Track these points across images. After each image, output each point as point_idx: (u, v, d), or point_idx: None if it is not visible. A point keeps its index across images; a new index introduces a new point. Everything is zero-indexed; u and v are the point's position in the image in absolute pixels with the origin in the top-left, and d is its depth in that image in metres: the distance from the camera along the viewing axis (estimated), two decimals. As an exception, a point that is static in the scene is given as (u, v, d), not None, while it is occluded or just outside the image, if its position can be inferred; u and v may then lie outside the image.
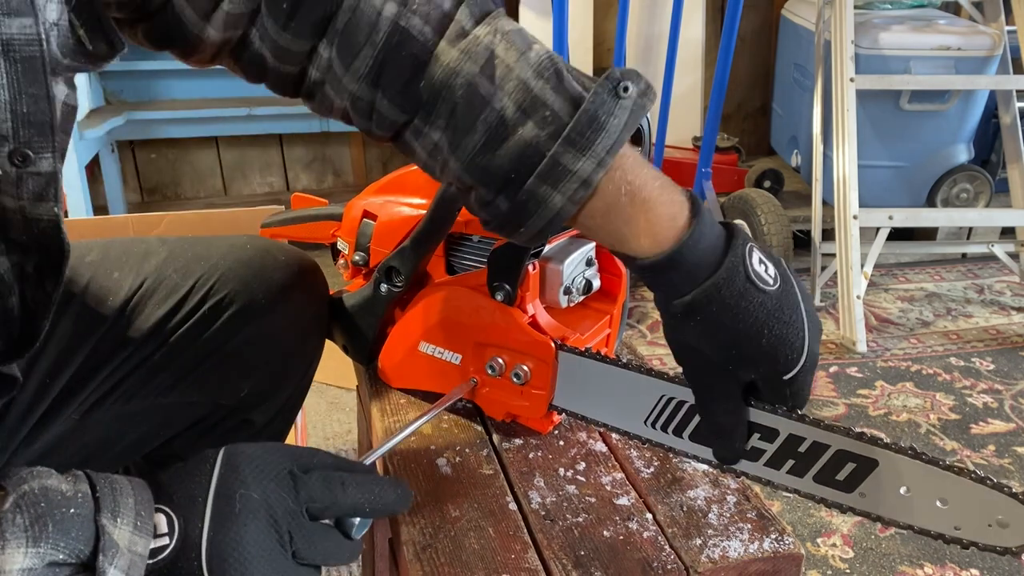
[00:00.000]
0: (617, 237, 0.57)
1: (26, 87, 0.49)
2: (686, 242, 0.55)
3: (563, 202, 0.56)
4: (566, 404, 0.72)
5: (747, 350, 0.55)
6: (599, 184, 0.55)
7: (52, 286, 0.56)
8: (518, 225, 0.58)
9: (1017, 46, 2.35)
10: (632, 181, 0.56)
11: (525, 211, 0.57)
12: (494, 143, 0.57)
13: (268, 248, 0.84)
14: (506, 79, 0.56)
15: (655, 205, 0.56)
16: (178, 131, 2.72)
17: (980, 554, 1.46)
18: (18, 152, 0.50)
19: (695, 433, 0.64)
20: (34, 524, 0.45)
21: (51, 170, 0.52)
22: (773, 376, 0.57)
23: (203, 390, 0.80)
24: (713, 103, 2.28)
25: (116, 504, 0.48)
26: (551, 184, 0.55)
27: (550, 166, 0.55)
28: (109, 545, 0.46)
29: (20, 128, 0.50)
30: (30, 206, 0.53)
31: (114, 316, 0.75)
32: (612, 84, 0.55)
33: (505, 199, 0.57)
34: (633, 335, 2.21)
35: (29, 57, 0.49)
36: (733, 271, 0.55)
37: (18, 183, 0.51)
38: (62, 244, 0.55)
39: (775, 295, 0.56)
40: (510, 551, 0.62)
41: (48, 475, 0.48)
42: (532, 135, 0.55)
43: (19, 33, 0.48)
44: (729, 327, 0.55)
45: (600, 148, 0.54)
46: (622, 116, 0.55)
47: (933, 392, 1.97)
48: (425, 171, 0.64)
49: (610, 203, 0.56)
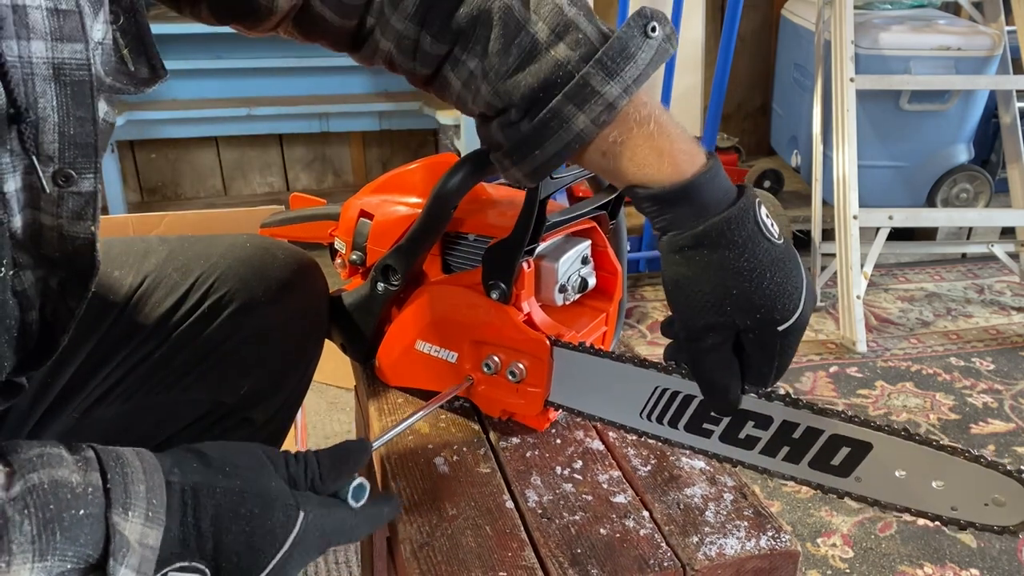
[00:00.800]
0: (635, 163, 0.58)
1: (74, 110, 0.50)
2: (705, 174, 0.57)
3: (585, 123, 0.57)
4: (562, 400, 0.72)
5: (748, 292, 0.56)
6: (620, 111, 0.57)
7: (75, 302, 0.57)
8: (535, 147, 0.59)
9: (1017, 46, 2.35)
10: (658, 114, 0.58)
11: (546, 130, 0.58)
12: (526, 64, 0.58)
13: (268, 247, 0.84)
14: (541, 4, 0.59)
15: (678, 139, 0.58)
16: (178, 131, 2.72)
17: (980, 553, 1.46)
18: (62, 172, 0.51)
19: (690, 424, 0.64)
20: (42, 533, 0.44)
21: (92, 190, 0.53)
22: (767, 326, 0.57)
23: (203, 388, 0.80)
24: (713, 103, 2.28)
25: (127, 495, 0.47)
26: (577, 104, 0.57)
27: (579, 86, 0.56)
28: (120, 545, 0.46)
29: (66, 149, 0.50)
30: (68, 224, 0.53)
31: (114, 314, 0.76)
32: (643, 21, 0.57)
33: (528, 120, 0.59)
34: (633, 335, 2.21)
35: (79, 81, 0.50)
36: (744, 212, 0.56)
37: (59, 202, 0.52)
38: (94, 261, 0.55)
39: (780, 247, 0.57)
40: (507, 549, 0.62)
41: (59, 461, 0.47)
42: (564, 55, 0.57)
43: (70, 58, 0.49)
44: (734, 265, 0.56)
45: (628, 75, 0.56)
46: (649, 52, 0.57)
47: (933, 392, 1.97)
48: (457, 105, 0.66)
49: (632, 130, 0.57)
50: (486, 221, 0.77)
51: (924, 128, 2.43)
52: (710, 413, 0.63)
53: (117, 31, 0.54)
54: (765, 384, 0.60)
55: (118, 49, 0.55)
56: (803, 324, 0.58)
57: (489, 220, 0.77)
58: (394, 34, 0.64)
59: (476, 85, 0.62)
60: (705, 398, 0.61)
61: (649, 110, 0.58)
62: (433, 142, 3.00)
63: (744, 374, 0.59)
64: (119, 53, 0.55)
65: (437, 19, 0.62)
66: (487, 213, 0.78)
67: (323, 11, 0.65)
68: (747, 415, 0.60)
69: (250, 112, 2.64)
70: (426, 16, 0.62)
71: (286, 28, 0.68)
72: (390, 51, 0.65)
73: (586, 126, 0.57)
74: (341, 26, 0.66)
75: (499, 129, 0.61)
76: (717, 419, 0.62)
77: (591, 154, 0.59)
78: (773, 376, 0.59)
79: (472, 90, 0.63)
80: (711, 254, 0.56)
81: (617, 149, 0.58)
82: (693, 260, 0.57)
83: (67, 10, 0.48)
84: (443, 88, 0.66)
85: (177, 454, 0.53)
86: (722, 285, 0.56)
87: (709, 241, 0.56)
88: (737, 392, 0.60)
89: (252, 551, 0.51)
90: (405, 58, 0.65)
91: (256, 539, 0.51)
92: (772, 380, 0.59)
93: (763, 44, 3.09)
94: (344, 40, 0.68)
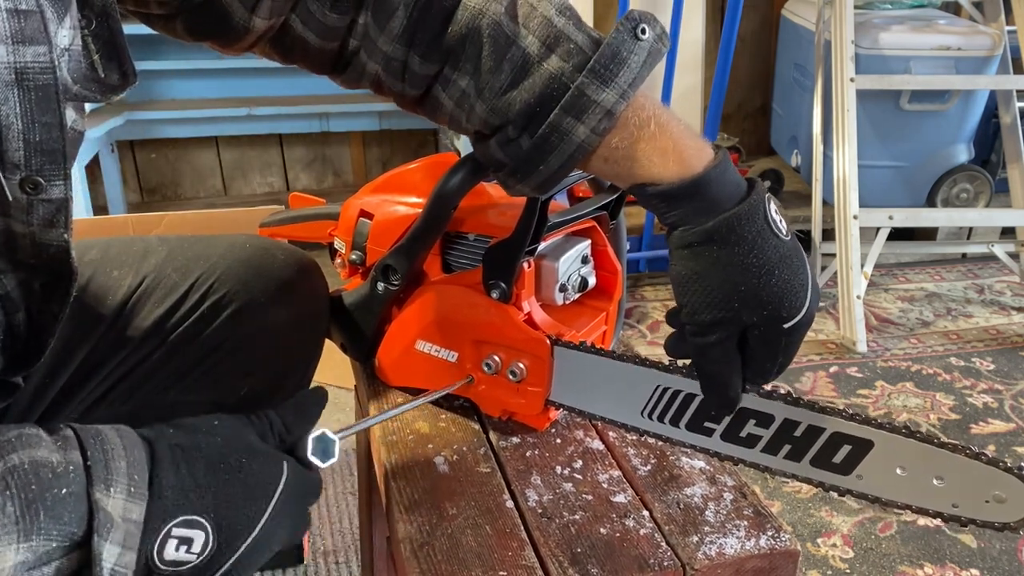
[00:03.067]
0: (640, 164, 0.58)
1: (39, 115, 0.49)
2: (714, 170, 0.56)
3: (586, 133, 0.57)
4: (563, 399, 0.72)
5: (756, 289, 0.56)
6: (620, 117, 0.57)
7: (58, 306, 0.56)
8: (538, 163, 0.59)
9: (1017, 46, 2.35)
10: (659, 114, 0.58)
11: (548, 145, 0.58)
12: (519, 80, 0.58)
13: (268, 247, 0.84)
14: (530, 17, 0.58)
15: (682, 136, 0.58)
16: (178, 131, 2.72)
17: (980, 554, 1.46)
18: (29, 180, 0.50)
19: (692, 423, 0.64)
20: (25, 514, 0.43)
21: (62, 196, 0.52)
22: (773, 322, 0.57)
23: (202, 389, 0.80)
24: (713, 103, 2.28)
25: (108, 471, 0.47)
26: (575, 115, 0.56)
27: (575, 97, 0.56)
28: (104, 521, 0.45)
29: (32, 156, 0.50)
30: (40, 232, 0.53)
31: (113, 315, 0.76)
32: (632, 24, 0.56)
33: (528, 136, 0.58)
34: (633, 335, 2.21)
35: (43, 86, 0.49)
36: (755, 208, 0.56)
37: (29, 210, 0.51)
38: (71, 268, 0.55)
39: (788, 244, 0.57)
40: (507, 549, 0.62)
41: (37, 441, 0.46)
42: (557, 68, 0.57)
43: (33, 61, 0.48)
44: (743, 262, 0.56)
45: (623, 80, 0.56)
46: (641, 55, 0.57)
47: (933, 392, 1.97)
48: (451, 125, 0.66)
49: (634, 133, 0.57)
50: (486, 221, 0.77)
51: (924, 128, 2.43)
52: (711, 412, 0.63)
53: (89, 36, 0.53)
54: (766, 380, 0.60)
55: (88, 55, 0.53)
56: (809, 321, 0.58)
57: (489, 220, 0.77)
58: (381, 56, 0.63)
59: (469, 104, 0.61)
60: (704, 394, 0.61)
61: (649, 111, 0.58)
62: (433, 142, 3.00)
63: (746, 369, 0.59)
64: (89, 60, 0.53)
65: (425, 39, 0.61)
66: (487, 213, 0.78)
67: (304, 33, 0.64)
68: (748, 413, 0.60)
69: (250, 112, 2.64)
70: (414, 36, 0.62)
71: (263, 49, 0.67)
72: (378, 73, 0.65)
73: (587, 136, 0.57)
74: (322, 48, 0.65)
75: (499, 147, 0.61)
76: (719, 417, 0.62)
77: (595, 161, 0.59)
78: (775, 372, 0.59)
79: (465, 109, 0.62)
80: (721, 250, 0.56)
81: (620, 153, 0.58)
82: (703, 255, 0.57)
83: (27, 10, 0.47)
84: (434, 108, 0.65)
85: (155, 427, 0.53)
86: (731, 281, 0.56)
87: (720, 237, 0.56)
88: (738, 389, 0.60)
89: (248, 499, 0.51)
90: (394, 80, 0.65)
91: (250, 484, 0.51)
92: (773, 376, 0.60)
93: (763, 44, 3.09)
94: (325, 63, 0.67)
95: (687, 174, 0.56)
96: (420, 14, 0.61)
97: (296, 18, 0.63)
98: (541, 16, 0.58)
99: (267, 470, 0.53)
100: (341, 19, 0.63)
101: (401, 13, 0.61)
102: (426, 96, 0.65)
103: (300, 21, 0.63)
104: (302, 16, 0.63)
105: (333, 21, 0.63)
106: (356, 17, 0.63)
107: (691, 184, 0.56)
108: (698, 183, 0.56)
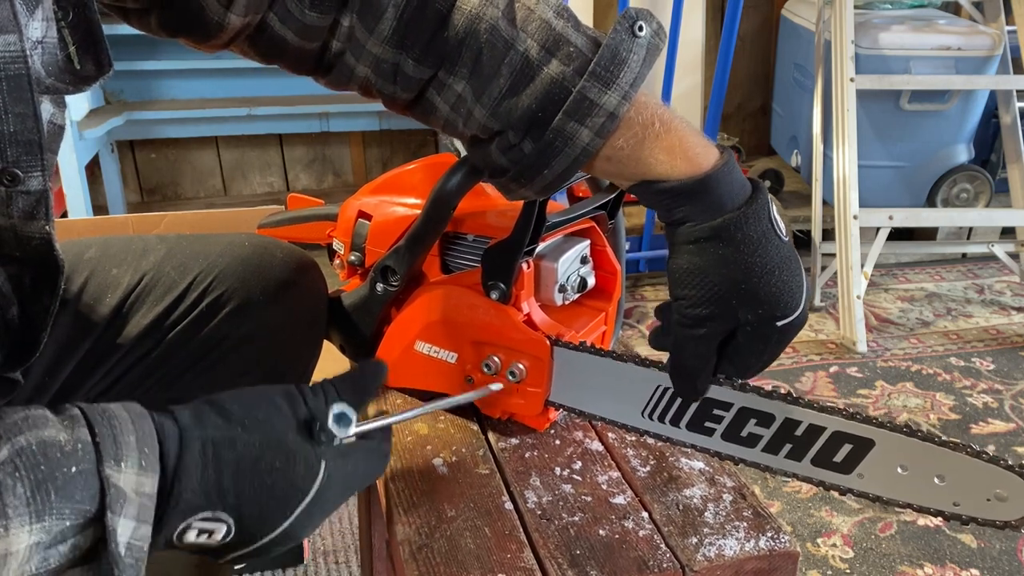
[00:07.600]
0: (646, 163, 0.58)
1: (12, 106, 0.49)
2: (721, 168, 0.57)
3: (590, 137, 0.57)
4: (563, 400, 0.72)
5: (755, 288, 0.57)
6: (623, 118, 0.57)
7: (49, 300, 0.56)
8: (542, 167, 0.59)
9: (1017, 46, 2.34)
10: (662, 112, 0.58)
11: (551, 150, 0.58)
12: (520, 85, 0.58)
13: (266, 246, 0.84)
14: (528, 20, 0.58)
15: (687, 134, 0.58)
16: (178, 131, 2.72)
17: (980, 554, 1.46)
18: (7, 172, 0.50)
19: (692, 422, 0.64)
20: (36, 494, 0.43)
21: (41, 188, 0.52)
22: (768, 319, 0.58)
23: (200, 387, 0.80)
24: (713, 103, 2.28)
25: (118, 446, 0.46)
26: (578, 119, 0.56)
27: (577, 101, 0.56)
28: (116, 497, 0.45)
29: (7, 147, 0.49)
30: (21, 224, 0.52)
31: (112, 313, 0.76)
32: (629, 23, 0.56)
33: (531, 141, 0.58)
34: (632, 335, 2.21)
35: (15, 75, 0.48)
36: (760, 209, 0.57)
37: (8, 202, 0.51)
38: (56, 261, 0.55)
39: (787, 246, 0.59)
40: (506, 550, 0.62)
41: (44, 422, 0.46)
42: (558, 72, 0.57)
43: (3, 50, 0.47)
44: (746, 261, 0.57)
45: (624, 81, 0.56)
46: (640, 53, 0.57)
47: (933, 392, 1.97)
48: (445, 129, 0.65)
49: (638, 133, 0.57)
50: (485, 221, 0.77)
51: (924, 128, 2.43)
52: (712, 411, 0.63)
53: (65, 28, 0.52)
54: (746, 375, 0.61)
55: (65, 47, 0.52)
56: (802, 322, 0.59)
57: (488, 220, 0.77)
58: (371, 59, 0.62)
59: (467, 108, 0.61)
60: (674, 382, 0.62)
61: (651, 111, 0.58)
62: (433, 142, 3.00)
63: (729, 364, 0.61)
64: (66, 52, 0.52)
65: (419, 42, 0.61)
66: (486, 213, 0.78)
67: (283, 32, 0.63)
68: (749, 413, 0.61)
69: (250, 112, 2.64)
70: (405, 39, 0.61)
71: (240, 47, 0.66)
72: (367, 76, 0.64)
73: (591, 139, 0.57)
74: (301, 47, 0.64)
75: (500, 153, 0.61)
76: (719, 417, 0.63)
77: (599, 162, 0.59)
78: (757, 369, 0.60)
79: (462, 113, 0.62)
80: (725, 248, 0.57)
81: (625, 153, 0.58)
82: (707, 251, 0.58)
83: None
84: (428, 112, 0.65)
85: (198, 406, 0.52)
86: (731, 279, 0.57)
87: (726, 235, 0.57)
88: (707, 382, 0.61)
89: (275, 501, 0.51)
90: (385, 83, 0.64)
91: (278, 490, 0.51)
92: (754, 372, 0.61)
93: (763, 44, 3.09)
94: (306, 63, 0.66)
95: (696, 172, 0.57)
96: (413, 16, 0.60)
97: (274, 16, 0.62)
98: (539, 19, 0.58)
99: (301, 474, 0.52)
100: (322, 19, 0.62)
101: (391, 15, 0.60)
102: (419, 99, 0.64)
103: (278, 19, 0.62)
104: (280, 14, 0.62)
105: (312, 20, 0.62)
106: (339, 18, 0.62)
107: (700, 182, 0.57)
108: (706, 181, 0.57)
